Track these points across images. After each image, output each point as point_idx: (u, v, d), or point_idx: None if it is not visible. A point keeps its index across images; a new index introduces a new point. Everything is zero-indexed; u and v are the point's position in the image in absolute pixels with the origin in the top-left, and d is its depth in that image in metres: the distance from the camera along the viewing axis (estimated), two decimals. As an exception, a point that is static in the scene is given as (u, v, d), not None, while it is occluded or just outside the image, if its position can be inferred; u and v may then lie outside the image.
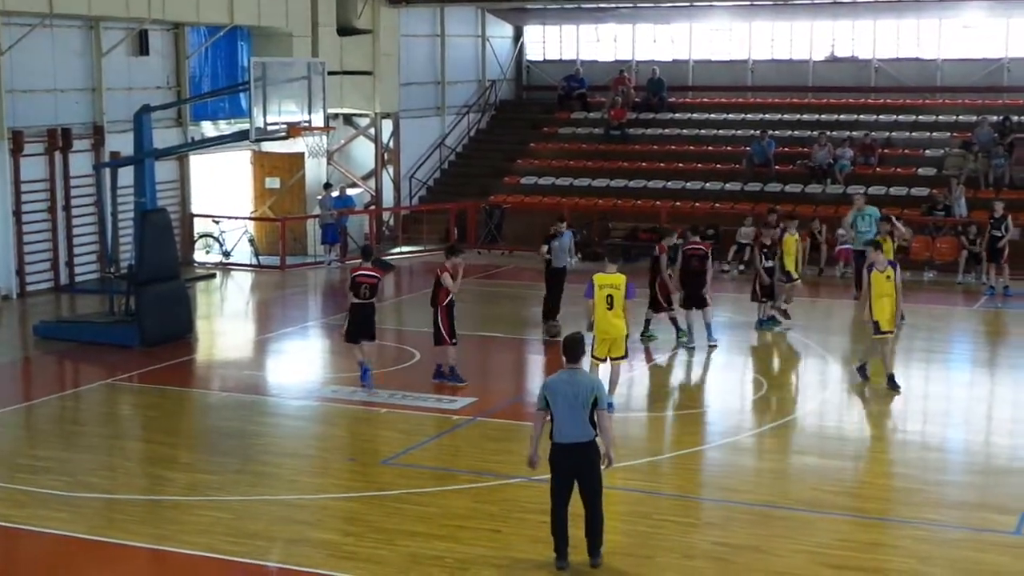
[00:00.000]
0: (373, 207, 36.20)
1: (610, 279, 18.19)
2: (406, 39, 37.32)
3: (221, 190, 34.00)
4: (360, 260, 20.36)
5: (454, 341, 19.69)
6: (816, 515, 13.94)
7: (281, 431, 17.78)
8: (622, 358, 18.38)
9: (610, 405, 17.94)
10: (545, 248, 23.63)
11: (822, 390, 20.21)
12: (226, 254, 32.38)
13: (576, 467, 12.30)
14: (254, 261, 32.39)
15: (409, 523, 13.61)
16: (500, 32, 42.53)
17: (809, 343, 22.69)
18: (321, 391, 19.60)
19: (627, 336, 18.32)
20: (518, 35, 43.37)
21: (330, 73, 26.25)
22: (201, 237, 32.83)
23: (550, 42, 43.49)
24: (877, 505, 14.40)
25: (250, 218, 33.99)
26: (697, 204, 34.12)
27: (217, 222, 32.80)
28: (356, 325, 19.57)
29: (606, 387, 13.05)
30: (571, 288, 23.01)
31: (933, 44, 38.57)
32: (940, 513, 14.30)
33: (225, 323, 26.66)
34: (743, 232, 30.75)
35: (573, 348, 12.51)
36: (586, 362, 13.98)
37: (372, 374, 19.49)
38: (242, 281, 31.13)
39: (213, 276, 30.94)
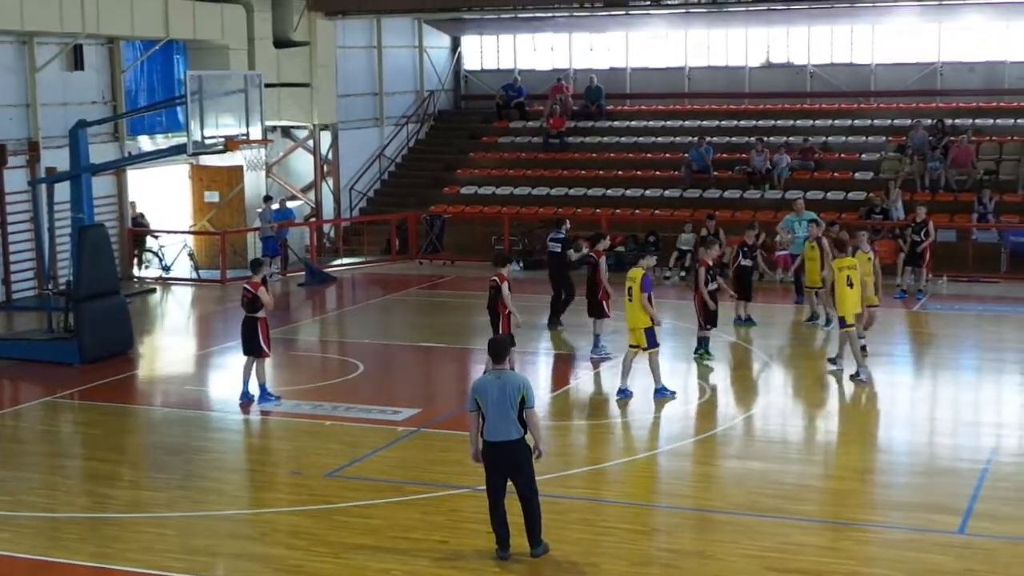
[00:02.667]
0: (313, 219, 36.10)
1: (632, 273, 19.21)
2: (343, 51, 37.26)
3: (160, 204, 33.77)
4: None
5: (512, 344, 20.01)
6: (760, 519, 14.02)
7: (224, 446, 17.70)
8: (646, 348, 19.05)
9: (661, 390, 18.96)
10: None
11: (765, 395, 20.33)
12: (166, 269, 32.15)
13: (506, 464, 12.65)
14: (194, 275, 32.18)
15: (355, 536, 13.56)
16: (437, 42, 42.52)
17: (751, 348, 22.81)
18: (264, 405, 19.47)
19: (649, 328, 18.93)
20: (455, 45, 43.37)
21: (267, 85, 26.20)
22: (141, 252, 32.59)
23: (487, 52, 43.53)
24: (820, 508, 14.51)
25: (190, 232, 33.79)
26: (637, 211, 34.25)
27: (156, 237, 32.59)
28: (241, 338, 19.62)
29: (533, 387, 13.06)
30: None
31: (867, 49, 38.96)
32: (883, 514, 14.44)
33: (166, 338, 26.45)
34: (683, 239, 30.99)
35: (497, 349, 12.92)
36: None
37: (261, 395, 19.30)
38: (182, 296, 30.92)
39: (153, 291, 30.70)
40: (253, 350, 19.35)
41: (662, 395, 19.08)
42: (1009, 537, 13.40)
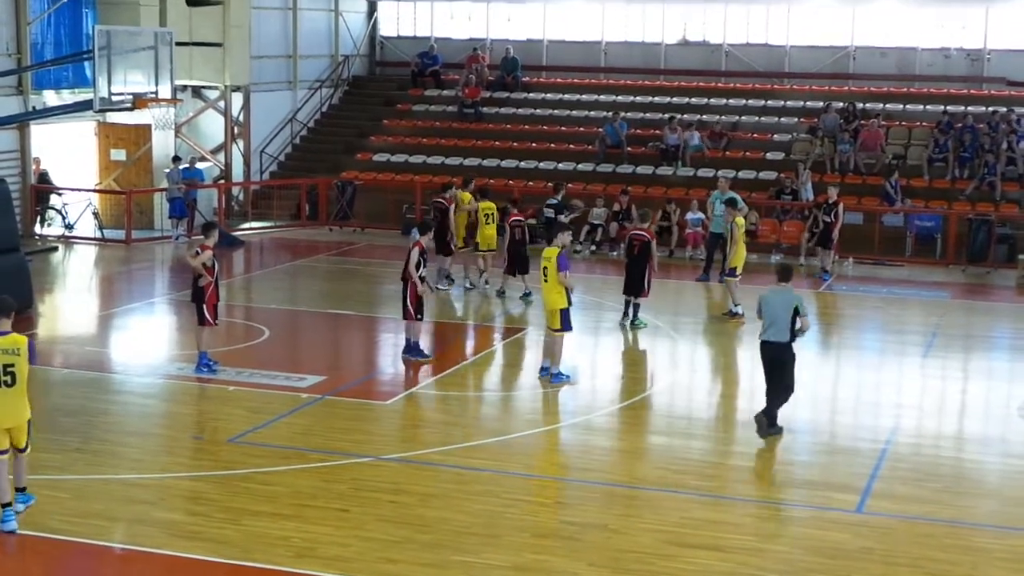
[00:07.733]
0: (222, 181, 35.64)
1: (547, 252, 18.55)
2: (257, 11, 36.71)
3: (65, 161, 33.14)
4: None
5: (419, 317, 19.54)
6: (663, 494, 14.08)
7: (125, 409, 17.39)
8: (557, 331, 18.54)
9: (557, 375, 18.47)
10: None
11: (672, 371, 20.41)
12: (69, 227, 31.58)
13: (774, 360, 16.04)
14: (98, 235, 31.64)
15: (255, 502, 13.41)
16: (354, 7, 42.10)
17: (659, 324, 22.87)
18: (167, 368, 19.19)
19: (564, 309, 18.43)
20: (372, 10, 43.00)
21: (178, 44, 25.80)
22: (44, 209, 31.97)
23: (404, 18, 43.20)
24: (722, 484, 14.59)
25: (95, 190, 33.20)
26: (549, 184, 34.11)
27: (60, 194, 32.00)
28: None
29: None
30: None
31: (782, 30, 39.17)
32: (784, 492, 14.58)
33: (67, 298, 25.97)
34: (595, 213, 31.09)
35: (782, 271, 16.55)
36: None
37: (209, 361, 18.87)
38: (86, 255, 30.38)
39: (55, 249, 30.14)
40: (198, 318, 18.84)
41: (558, 380, 18.47)
42: (906, 516, 13.57)
